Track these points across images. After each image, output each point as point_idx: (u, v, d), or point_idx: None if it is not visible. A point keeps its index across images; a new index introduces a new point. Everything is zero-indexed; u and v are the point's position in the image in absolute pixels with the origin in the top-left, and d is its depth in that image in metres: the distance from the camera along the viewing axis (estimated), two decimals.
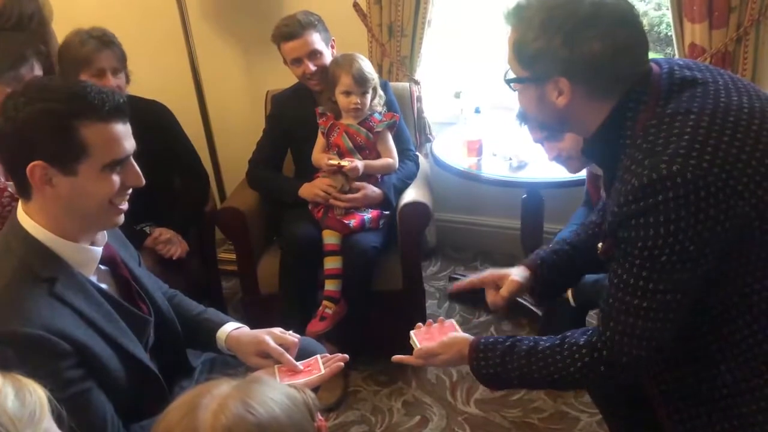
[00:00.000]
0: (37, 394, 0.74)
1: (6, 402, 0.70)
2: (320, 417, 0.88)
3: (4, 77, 1.76)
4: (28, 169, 1.16)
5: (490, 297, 1.55)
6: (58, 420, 0.76)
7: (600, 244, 1.23)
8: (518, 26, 1.15)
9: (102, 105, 1.18)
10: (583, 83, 1.13)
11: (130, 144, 1.25)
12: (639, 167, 1.07)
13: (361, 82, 2.24)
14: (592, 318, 2.57)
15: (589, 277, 1.71)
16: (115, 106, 1.20)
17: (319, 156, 2.37)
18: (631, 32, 1.12)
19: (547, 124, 1.28)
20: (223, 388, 0.81)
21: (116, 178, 1.23)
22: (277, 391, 0.82)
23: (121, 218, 1.31)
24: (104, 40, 2.10)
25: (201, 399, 0.79)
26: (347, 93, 2.26)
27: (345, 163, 2.26)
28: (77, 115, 1.16)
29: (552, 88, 1.15)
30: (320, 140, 2.38)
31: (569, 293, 1.72)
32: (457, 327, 1.50)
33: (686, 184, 1.02)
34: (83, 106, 1.17)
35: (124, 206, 1.30)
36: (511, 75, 1.22)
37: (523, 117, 1.96)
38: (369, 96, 2.29)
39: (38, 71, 1.85)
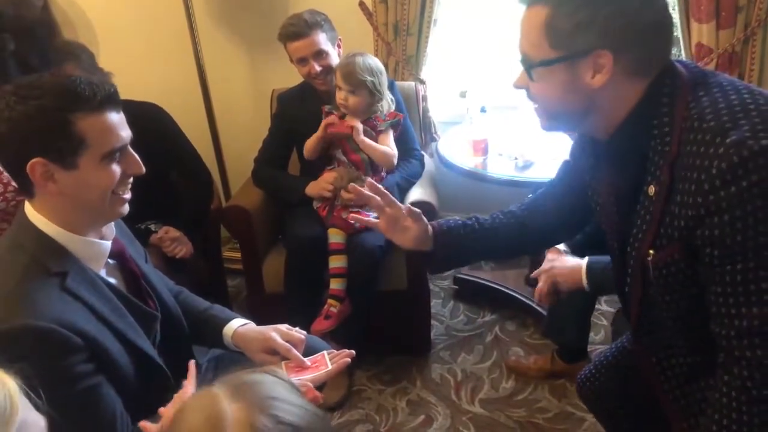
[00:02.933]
0: (6, 387, 0.69)
1: None
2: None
3: None
4: (28, 167, 1.17)
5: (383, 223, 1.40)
6: (36, 408, 0.72)
7: (651, 252, 1.11)
8: (547, 1, 1.06)
9: (94, 95, 1.18)
10: (628, 56, 1.04)
11: (126, 132, 1.25)
12: (717, 148, 0.96)
13: (346, 78, 2.22)
14: (604, 304, 2.58)
15: (597, 261, 1.67)
16: (106, 96, 1.20)
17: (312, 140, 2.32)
18: (664, 4, 1.08)
19: (567, 114, 1.14)
20: (230, 409, 0.76)
21: (116, 168, 1.24)
22: (272, 382, 0.82)
23: (126, 208, 1.31)
24: (68, 51, 2.04)
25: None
26: (338, 88, 2.26)
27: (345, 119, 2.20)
28: (70, 109, 1.17)
29: (588, 66, 1.05)
30: (318, 133, 2.35)
31: (584, 278, 1.69)
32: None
33: None
34: (75, 99, 1.17)
35: (127, 195, 1.30)
36: (533, 60, 1.10)
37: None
38: (360, 98, 2.25)
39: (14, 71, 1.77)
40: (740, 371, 1.02)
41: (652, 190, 1.09)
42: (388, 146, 2.33)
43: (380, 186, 1.39)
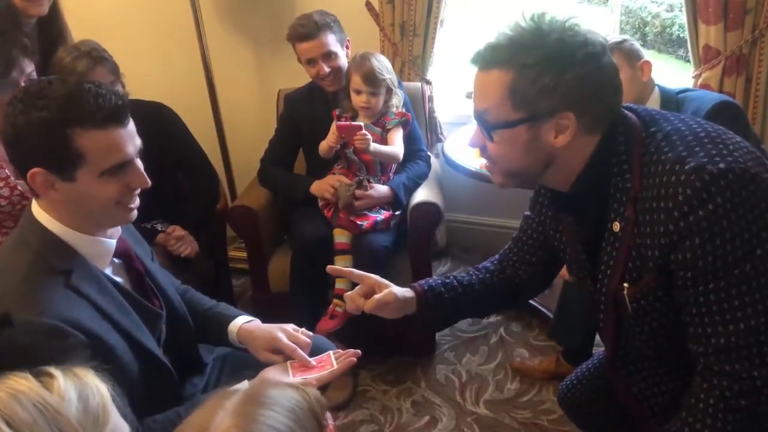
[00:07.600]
0: (100, 393, 0.69)
1: (70, 409, 0.65)
2: (330, 421, 0.84)
3: None
4: (28, 175, 1.18)
5: (355, 299, 1.36)
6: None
7: (626, 285, 1.13)
8: (509, 66, 1.05)
9: (97, 111, 1.16)
10: (588, 115, 1.07)
11: (132, 147, 1.23)
12: (678, 175, 1.01)
13: (369, 80, 2.24)
14: None
15: None
16: (111, 112, 1.18)
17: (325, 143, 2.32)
18: (614, 63, 1.10)
19: (526, 172, 1.15)
20: (222, 420, 0.74)
21: (117, 182, 1.22)
22: (280, 412, 0.77)
23: (133, 215, 1.30)
24: (95, 56, 2.01)
25: None
26: (357, 91, 2.27)
27: (359, 123, 2.21)
28: (71, 124, 1.15)
29: (551, 127, 1.07)
30: (331, 141, 2.35)
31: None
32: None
33: (738, 179, 0.98)
34: (77, 114, 1.15)
35: (135, 204, 1.29)
36: (493, 121, 1.10)
37: None
38: (380, 97, 2.29)
39: (29, 67, 1.76)
40: (719, 382, 1.06)
41: (616, 226, 1.12)
42: (395, 144, 2.34)
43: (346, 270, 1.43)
